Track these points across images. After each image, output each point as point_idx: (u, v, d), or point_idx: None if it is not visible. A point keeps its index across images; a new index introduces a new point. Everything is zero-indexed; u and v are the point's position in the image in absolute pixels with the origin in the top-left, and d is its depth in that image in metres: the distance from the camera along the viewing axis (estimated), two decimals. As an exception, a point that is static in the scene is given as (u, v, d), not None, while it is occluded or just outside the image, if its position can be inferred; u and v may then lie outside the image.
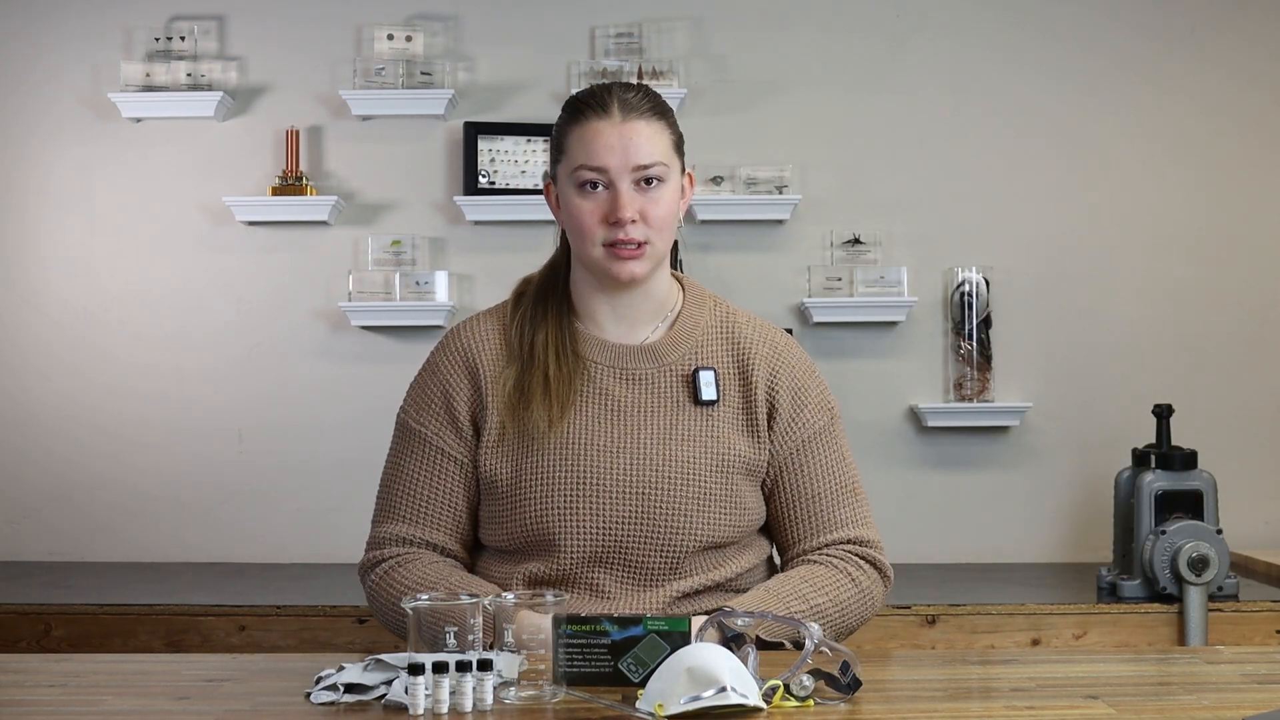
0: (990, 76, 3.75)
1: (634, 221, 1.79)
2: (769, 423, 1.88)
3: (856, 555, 1.86)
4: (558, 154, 1.86)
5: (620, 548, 1.80)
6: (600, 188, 1.80)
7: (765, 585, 1.82)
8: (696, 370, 1.86)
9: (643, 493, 1.80)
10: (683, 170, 1.87)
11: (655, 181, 1.80)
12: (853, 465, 1.93)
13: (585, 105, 1.83)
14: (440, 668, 1.38)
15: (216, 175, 3.72)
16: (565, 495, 1.80)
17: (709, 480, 1.82)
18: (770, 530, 1.93)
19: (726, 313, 1.94)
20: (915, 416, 3.70)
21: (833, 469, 1.89)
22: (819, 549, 1.87)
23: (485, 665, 1.38)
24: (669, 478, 1.81)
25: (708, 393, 1.85)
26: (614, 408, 1.84)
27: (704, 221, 3.64)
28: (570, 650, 1.45)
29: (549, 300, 1.90)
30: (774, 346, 1.92)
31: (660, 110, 1.85)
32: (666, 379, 1.87)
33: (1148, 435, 3.24)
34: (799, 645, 1.48)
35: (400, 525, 1.87)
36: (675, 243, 1.90)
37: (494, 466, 1.84)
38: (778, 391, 1.89)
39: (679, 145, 1.86)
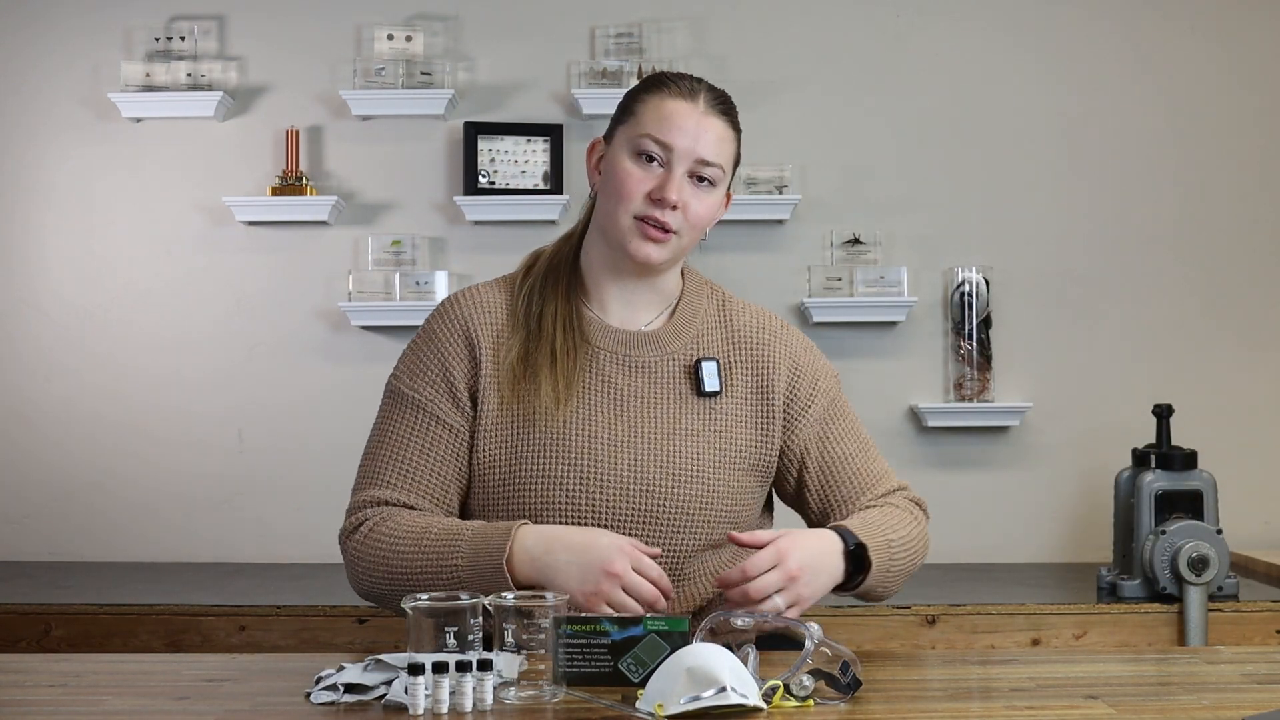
0: (991, 76, 3.75)
1: (674, 208, 1.78)
2: (786, 408, 1.89)
3: (910, 500, 1.96)
4: (624, 116, 1.84)
5: None
6: (656, 164, 1.79)
7: (861, 516, 1.85)
8: (699, 361, 1.85)
9: (647, 490, 1.78)
10: (728, 188, 1.88)
11: (707, 182, 1.81)
12: (860, 422, 2.00)
13: (672, 83, 1.83)
14: (440, 668, 1.38)
15: (216, 175, 3.72)
16: (566, 491, 1.76)
17: (713, 478, 1.81)
18: (809, 506, 1.93)
19: (723, 300, 1.96)
20: (915, 416, 3.71)
21: (855, 430, 1.96)
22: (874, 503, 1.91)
23: (485, 665, 1.38)
24: (673, 474, 1.79)
25: (711, 384, 1.85)
26: (617, 397, 1.82)
27: (704, 221, 3.64)
28: (570, 650, 1.45)
29: (560, 274, 1.88)
30: (774, 333, 1.93)
31: (736, 122, 1.88)
32: (669, 368, 1.85)
33: (1148, 435, 3.24)
34: (798, 644, 1.48)
35: (383, 490, 1.80)
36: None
37: (490, 450, 1.80)
38: (795, 377, 1.91)
39: (736, 163, 1.88)
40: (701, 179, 1.80)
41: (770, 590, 1.62)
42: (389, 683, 1.43)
